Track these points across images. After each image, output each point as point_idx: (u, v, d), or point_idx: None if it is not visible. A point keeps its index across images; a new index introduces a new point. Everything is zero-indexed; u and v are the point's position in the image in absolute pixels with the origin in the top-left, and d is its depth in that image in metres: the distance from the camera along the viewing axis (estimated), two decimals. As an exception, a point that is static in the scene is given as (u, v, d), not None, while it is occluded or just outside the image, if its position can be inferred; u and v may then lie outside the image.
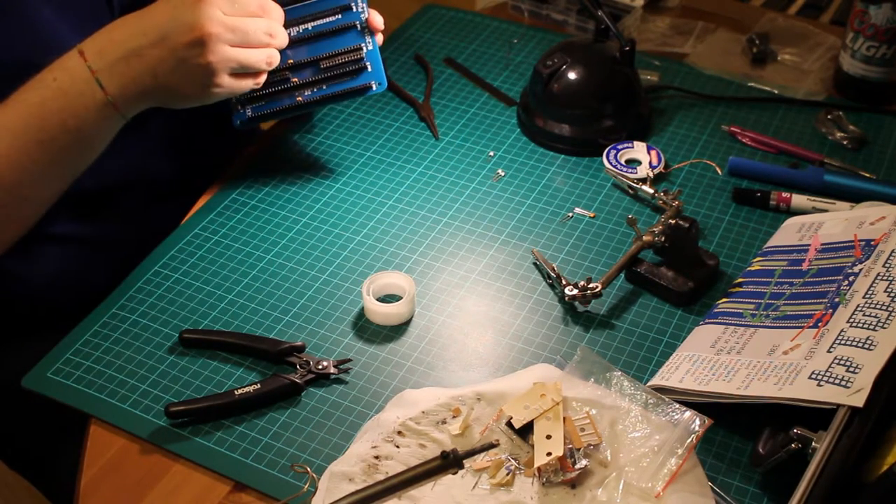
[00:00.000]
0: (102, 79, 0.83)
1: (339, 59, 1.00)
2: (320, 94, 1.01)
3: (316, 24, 1.00)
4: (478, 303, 0.91)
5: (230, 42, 0.85)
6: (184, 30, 0.83)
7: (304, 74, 1.01)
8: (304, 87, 1.01)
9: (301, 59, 1.00)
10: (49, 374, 0.84)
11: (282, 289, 0.92)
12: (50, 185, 0.88)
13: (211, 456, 0.77)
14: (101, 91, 0.84)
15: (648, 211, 1.01)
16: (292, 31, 0.98)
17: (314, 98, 1.01)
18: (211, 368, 0.85)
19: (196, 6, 0.83)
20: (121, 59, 0.84)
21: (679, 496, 0.70)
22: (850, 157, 1.08)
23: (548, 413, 0.75)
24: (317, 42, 1.00)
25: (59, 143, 0.85)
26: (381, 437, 0.75)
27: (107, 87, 0.84)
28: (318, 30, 1.00)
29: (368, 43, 1.01)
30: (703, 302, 0.90)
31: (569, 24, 1.32)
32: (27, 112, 0.83)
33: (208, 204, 1.03)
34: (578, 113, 1.08)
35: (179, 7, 0.84)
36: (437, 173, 1.06)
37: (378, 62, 1.02)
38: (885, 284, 0.79)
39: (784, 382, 0.73)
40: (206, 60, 0.84)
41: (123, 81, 0.84)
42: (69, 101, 0.83)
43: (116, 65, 0.84)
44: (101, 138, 0.88)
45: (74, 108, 0.84)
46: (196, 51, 0.84)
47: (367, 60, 1.01)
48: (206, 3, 0.84)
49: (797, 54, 1.24)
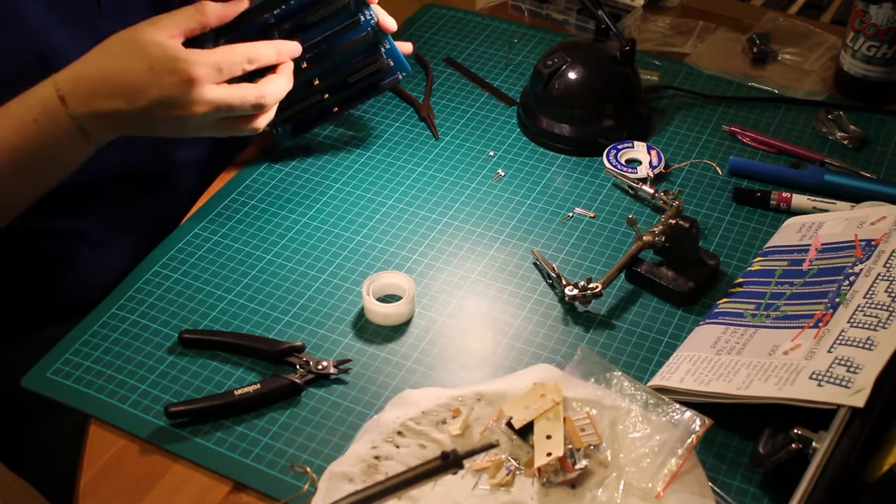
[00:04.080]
0: (85, 125, 0.83)
1: (365, 70, 1.04)
2: (354, 100, 1.07)
3: (333, 44, 1.01)
4: (478, 303, 0.91)
5: (216, 116, 0.86)
6: (172, 107, 0.83)
7: (332, 89, 1.04)
8: (336, 97, 1.05)
9: (327, 78, 1.03)
10: (49, 374, 0.84)
11: (282, 289, 0.92)
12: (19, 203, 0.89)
13: (211, 456, 0.77)
14: (82, 135, 0.84)
15: (648, 211, 1.01)
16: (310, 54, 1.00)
17: (349, 103, 1.07)
18: (210, 368, 0.84)
19: (185, 88, 0.83)
20: (102, 115, 0.83)
21: (679, 496, 0.70)
22: (851, 157, 1.08)
23: (548, 413, 0.75)
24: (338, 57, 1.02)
25: (36, 172, 0.86)
26: (381, 438, 0.75)
27: (90, 132, 0.84)
28: (333, 47, 1.01)
29: (385, 43, 1.04)
30: (704, 302, 0.90)
31: (569, 23, 1.32)
32: (4, 146, 0.83)
33: (208, 204, 1.03)
34: (578, 113, 1.08)
35: (166, 83, 0.82)
36: (437, 173, 1.06)
37: (398, 54, 1.04)
38: (886, 284, 0.79)
39: (784, 382, 0.73)
40: (187, 130, 0.88)
41: (104, 131, 0.85)
42: (49, 139, 0.83)
43: (98, 118, 0.83)
44: (78, 162, 0.89)
45: (54, 145, 0.84)
46: (180, 121, 0.85)
47: (388, 59, 1.04)
48: (195, 85, 0.83)
49: (798, 54, 1.24)
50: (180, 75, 0.82)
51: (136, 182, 1.04)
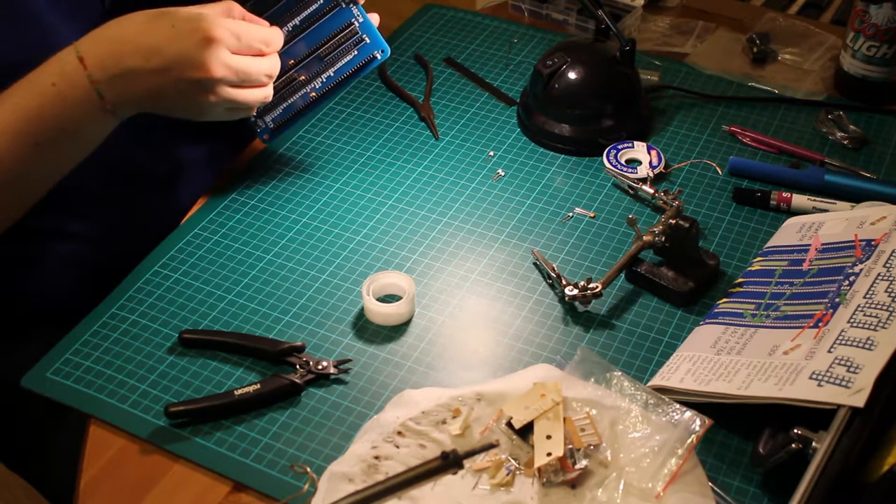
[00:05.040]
0: (102, 89, 0.83)
1: (336, 40, 1.02)
2: (331, 83, 1.03)
3: (302, 17, 1.01)
4: (478, 303, 0.91)
5: (232, 84, 0.87)
6: (189, 67, 0.84)
7: (308, 69, 1.03)
8: (312, 80, 1.03)
9: (300, 54, 1.02)
10: (49, 374, 0.84)
11: (282, 289, 0.92)
12: (40, 183, 0.89)
13: (211, 456, 0.77)
14: (100, 100, 0.84)
15: (648, 211, 1.01)
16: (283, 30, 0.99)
17: (326, 88, 1.03)
18: (211, 368, 0.84)
19: (204, 46, 0.83)
20: (121, 76, 0.83)
21: (679, 496, 0.70)
22: (851, 157, 1.08)
23: (548, 413, 0.75)
24: (309, 33, 1.02)
25: (55, 145, 0.85)
26: (381, 438, 0.75)
27: (106, 97, 0.84)
28: (306, 21, 1.01)
29: (358, 16, 1.02)
30: (704, 302, 0.90)
31: (569, 23, 1.32)
32: (24, 115, 0.83)
33: (208, 204, 1.03)
34: (578, 113, 1.08)
35: (186, 42, 0.84)
36: (437, 173, 1.06)
37: (374, 31, 1.03)
38: (886, 284, 0.79)
39: (784, 382, 0.73)
40: (205, 98, 0.86)
41: (122, 95, 0.85)
42: (67, 106, 0.83)
43: (116, 80, 0.84)
44: (97, 139, 0.88)
45: (73, 114, 0.84)
46: (198, 88, 0.85)
47: (363, 33, 1.02)
48: (214, 45, 0.84)
49: (798, 54, 1.24)
50: (201, 33, 0.83)
51: (137, 182, 1.04)
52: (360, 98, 1.18)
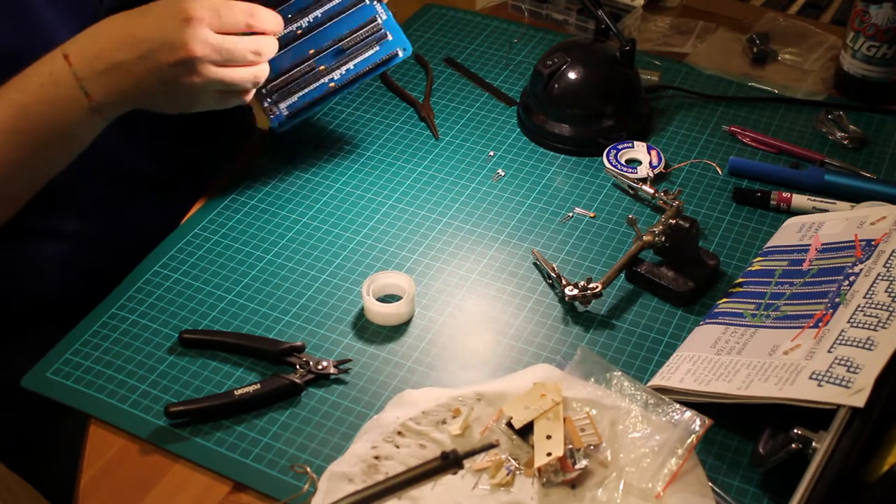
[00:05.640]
0: (87, 86, 0.83)
1: (359, 35, 1.02)
2: (350, 75, 1.03)
3: (325, 9, 1.01)
4: (478, 303, 0.91)
5: (216, 63, 0.86)
6: (170, 49, 0.83)
7: (328, 60, 1.03)
8: (332, 71, 1.03)
9: (322, 45, 1.02)
10: (49, 374, 0.84)
11: (282, 289, 0.92)
12: (30, 182, 0.89)
13: (211, 456, 0.77)
14: (86, 98, 0.84)
15: (648, 211, 1.01)
16: (304, 22, 1.00)
17: (345, 80, 1.03)
18: (211, 368, 0.84)
19: (183, 26, 0.83)
20: (106, 71, 0.84)
21: (679, 496, 0.70)
22: (851, 157, 1.08)
23: (548, 413, 0.75)
24: (332, 25, 1.02)
25: (44, 143, 0.85)
26: (381, 438, 0.75)
27: (92, 94, 0.84)
28: (328, 14, 1.01)
29: (381, 13, 1.03)
30: (704, 302, 0.90)
31: (569, 23, 1.32)
32: (14, 112, 0.83)
33: (208, 204, 1.03)
34: (578, 113, 1.08)
35: (167, 24, 0.84)
36: (437, 173, 1.06)
37: (397, 29, 1.04)
38: (886, 284, 0.79)
39: (784, 382, 0.73)
40: (190, 80, 0.85)
41: (108, 91, 0.85)
42: (55, 105, 0.84)
43: (101, 75, 0.84)
44: (84, 138, 0.88)
45: (60, 112, 0.84)
46: (181, 70, 0.84)
47: (386, 30, 1.03)
48: (194, 23, 0.83)
49: (797, 54, 1.24)
50: (181, 14, 0.83)
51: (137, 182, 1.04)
52: (360, 98, 1.18)
